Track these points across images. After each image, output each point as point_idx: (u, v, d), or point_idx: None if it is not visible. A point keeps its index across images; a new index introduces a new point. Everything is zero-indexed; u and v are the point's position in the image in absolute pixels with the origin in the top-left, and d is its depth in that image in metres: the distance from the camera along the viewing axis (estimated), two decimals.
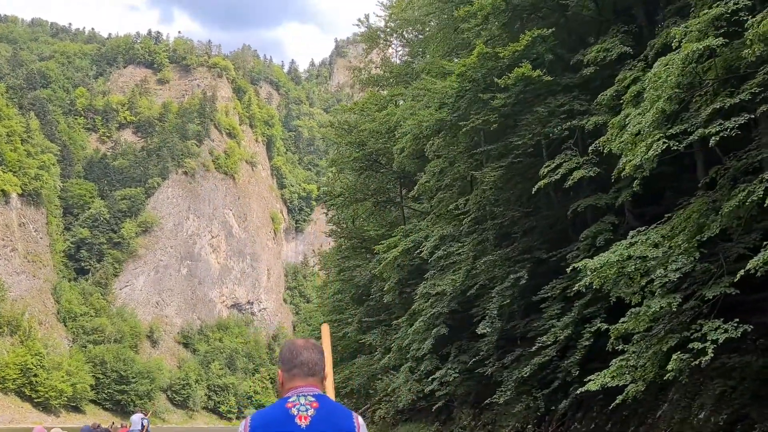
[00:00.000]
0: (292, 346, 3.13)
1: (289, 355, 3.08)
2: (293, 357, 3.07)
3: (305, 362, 3.05)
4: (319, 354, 3.12)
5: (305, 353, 3.08)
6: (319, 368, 3.08)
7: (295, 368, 3.03)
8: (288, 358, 3.08)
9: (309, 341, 3.19)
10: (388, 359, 29.06)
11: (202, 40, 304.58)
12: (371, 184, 37.40)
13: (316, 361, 3.09)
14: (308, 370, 3.04)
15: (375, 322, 42.60)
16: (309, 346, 3.13)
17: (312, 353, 3.09)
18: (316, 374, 3.07)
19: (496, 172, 17.62)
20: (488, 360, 21.32)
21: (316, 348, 3.13)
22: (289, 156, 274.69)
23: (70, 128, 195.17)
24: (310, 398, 2.91)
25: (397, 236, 29.37)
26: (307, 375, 3.03)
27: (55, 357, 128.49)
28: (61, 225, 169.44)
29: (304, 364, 3.04)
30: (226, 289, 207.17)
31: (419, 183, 25.93)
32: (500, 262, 18.77)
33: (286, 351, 3.11)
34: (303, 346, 3.11)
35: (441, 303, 23.24)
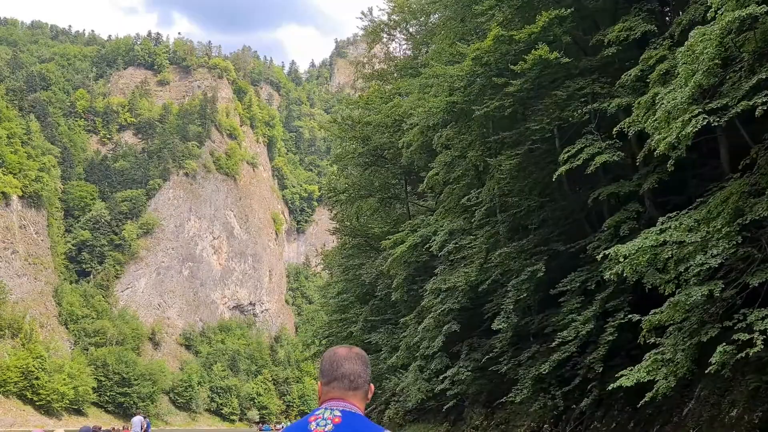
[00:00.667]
0: (333, 356, 2.82)
1: (329, 366, 2.79)
2: (333, 368, 2.78)
3: (346, 374, 2.77)
4: (362, 365, 2.82)
5: (347, 364, 2.79)
6: (362, 381, 2.79)
7: (334, 381, 2.76)
8: (328, 369, 2.79)
9: (352, 350, 2.90)
10: (396, 358, 28.28)
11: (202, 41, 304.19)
12: (376, 180, 36.63)
13: (359, 373, 2.79)
14: (349, 383, 2.76)
15: (380, 321, 41.83)
16: (352, 356, 2.84)
17: (355, 364, 2.80)
18: (359, 387, 2.78)
19: (511, 160, 16.84)
20: (502, 357, 20.54)
21: (359, 358, 2.82)
22: (290, 157, 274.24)
23: (70, 130, 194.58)
24: (336, 413, 2.64)
25: (404, 232, 28.59)
26: (348, 389, 2.74)
27: (57, 360, 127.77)
28: (62, 227, 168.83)
29: (345, 377, 2.76)
30: (228, 291, 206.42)
31: (428, 176, 25.15)
32: (515, 255, 18.00)
33: (326, 361, 2.81)
34: (345, 357, 2.82)
35: (451, 299, 22.46)
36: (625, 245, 10.93)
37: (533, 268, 17.26)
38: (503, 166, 17.03)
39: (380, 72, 41.33)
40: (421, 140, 28.88)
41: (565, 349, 16.35)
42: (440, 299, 23.18)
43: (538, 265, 17.37)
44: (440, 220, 25.89)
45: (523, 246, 18.00)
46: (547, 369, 16.73)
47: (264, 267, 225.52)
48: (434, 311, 23.31)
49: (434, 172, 24.84)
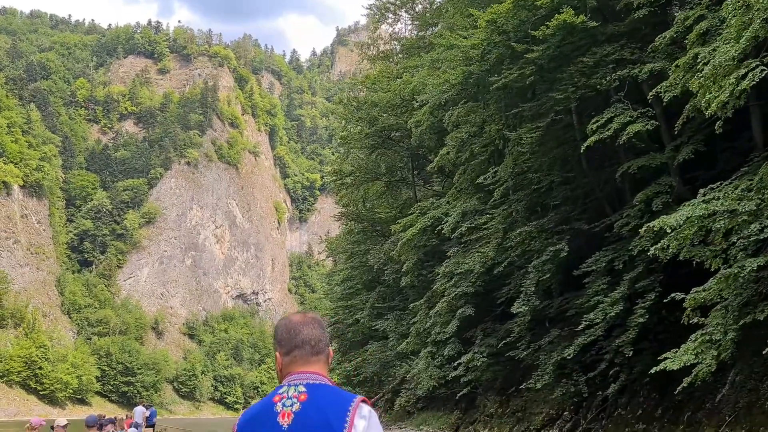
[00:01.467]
0: (290, 323, 2.62)
1: (287, 334, 2.61)
2: (292, 336, 2.59)
3: (307, 340, 2.58)
4: (320, 329, 2.65)
5: (305, 330, 2.60)
6: (323, 344, 2.61)
7: (295, 349, 2.57)
8: (286, 338, 2.60)
9: (307, 315, 2.70)
10: (406, 344, 27.43)
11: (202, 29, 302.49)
12: (382, 163, 35.68)
13: (319, 337, 2.62)
14: (311, 348, 2.57)
15: (387, 308, 41.01)
16: (308, 320, 2.65)
17: (313, 329, 2.62)
18: (321, 352, 2.60)
19: (532, 133, 15.86)
20: (520, 342, 19.68)
21: (316, 322, 2.65)
22: (291, 145, 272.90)
23: (71, 119, 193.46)
24: (300, 389, 2.45)
25: (413, 215, 27.68)
26: (311, 354, 2.56)
27: (60, 349, 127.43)
28: (64, 217, 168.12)
29: (305, 343, 2.58)
30: (231, 280, 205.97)
31: (440, 154, 24.20)
32: (535, 234, 17.06)
33: (283, 330, 2.61)
34: (301, 322, 2.63)
35: (466, 282, 21.57)
36: (672, 216, 9.97)
37: (555, 247, 16.33)
38: (524, 139, 16.03)
39: (386, 53, 40.24)
40: (430, 120, 27.90)
41: (590, 333, 15.46)
42: (453, 282, 22.29)
43: (560, 244, 16.44)
44: (452, 201, 24.98)
45: (543, 225, 17.07)
46: (571, 353, 15.84)
47: (266, 256, 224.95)
48: (447, 295, 22.42)
49: (446, 150, 23.90)
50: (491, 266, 19.40)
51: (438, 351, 25.33)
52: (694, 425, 15.13)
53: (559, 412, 19.64)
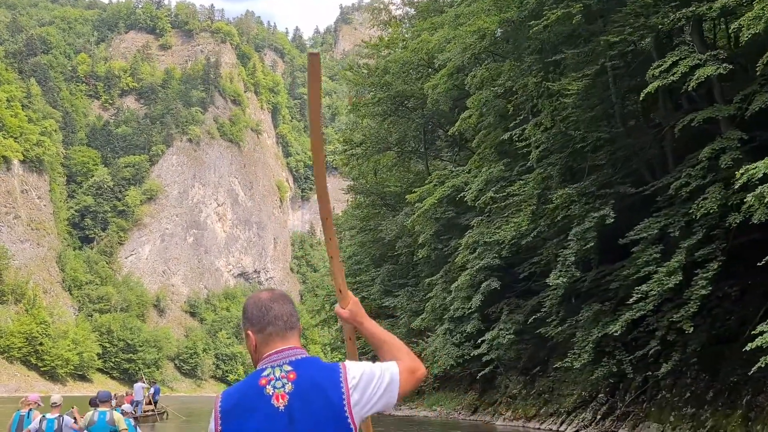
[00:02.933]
0: (258, 301, 2.51)
1: (258, 311, 2.50)
2: (264, 313, 2.49)
3: (279, 315, 2.48)
4: (291, 304, 2.53)
5: (276, 306, 2.51)
6: (295, 319, 2.50)
7: (269, 326, 2.46)
8: (257, 316, 2.49)
9: (275, 291, 2.62)
10: (420, 320, 25.94)
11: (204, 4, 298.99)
12: (395, 132, 33.97)
13: (291, 312, 2.52)
14: (284, 323, 2.47)
15: (397, 284, 39.55)
16: (277, 297, 2.55)
17: (284, 305, 2.51)
18: (294, 327, 2.49)
19: (579, 83, 14.15)
20: (550, 318, 18.16)
21: (285, 298, 2.54)
22: (294, 124, 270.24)
23: (72, 95, 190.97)
24: (286, 368, 2.35)
25: (430, 184, 26.07)
26: (285, 329, 2.44)
27: (61, 325, 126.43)
28: (65, 193, 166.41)
29: (278, 318, 2.47)
30: (233, 258, 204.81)
31: (461, 118, 22.51)
32: (576, 198, 15.43)
33: (253, 308, 2.49)
34: (271, 299, 2.53)
35: (491, 254, 20.01)
36: None
37: (599, 213, 14.71)
38: (569, 89, 14.31)
39: (399, 18, 38.28)
40: (449, 84, 26.20)
41: (638, 308, 13.93)
42: (477, 254, 20.71)
43: (604, 209, 14.82)
44: (474, 168, 23.38)
45: (584, 188, 15.42)
46: (618, 330, 14.27)
47: (269, 235, 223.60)
48: (470, 268, 20.85)
49: (467, 113, 22.23)
50: (526, 235, 17.73)
51: (456, 328, 23.87)
52: (755, 410, 13.61)
53: (592, 394, 18.17)
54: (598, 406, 17.72)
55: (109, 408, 10.59)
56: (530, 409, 20.79)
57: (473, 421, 24.81)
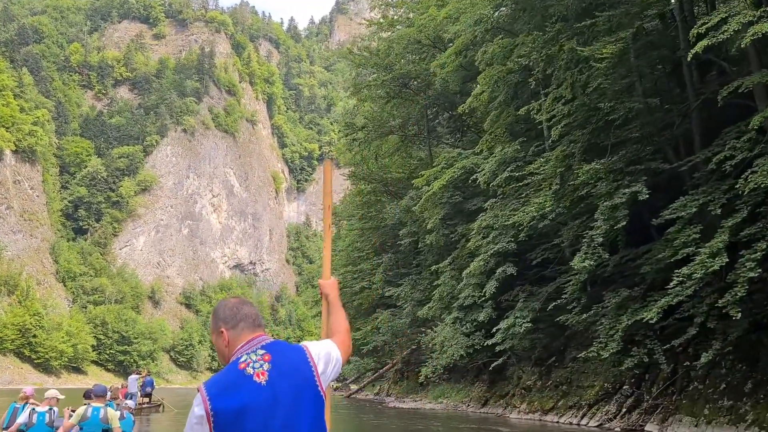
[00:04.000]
0: (228, 303, 2.85)
1: (230, 312, 2.79)
2: (235, 312, 2.77)
3: (248, 315, 2.78)
4: (255, 308, 2.87)
5: (245, 308, 2.82)
6: (261, 319, 2.83)
7: (240, 322, 2.74)
8: (229, 315, 2.78)
9: (241, 298, 2.92)
10: (428, 309, 24.83)
11: None
12: (398, 115, 32.75)
13: (257, 314, 2.83)
14: (253, 321, 2.76)
15: (400, 274, 38.46)
16: (245, 301, 2.87)
17: (250, 308, 2.82)
18: (261, 325, 2.81)
19: (613, 46, 12.99)
20: (571, 305, 17.06)
21: (250, 303, 2.89)
22: (289, 115, 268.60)
23: (65, 85, 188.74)
24: (260, 352, 2.62)
25: (438, 166, 24.92)
26: (254, 326, 2.74)
27: (55, 317, 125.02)
28: (58, 183, 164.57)
29: (248, 317, 2.77)
30: (228, 250, 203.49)
31: (473, 94, 21.31)
32: (603, 174, 14.31)
33: (224, 309, 2.80)
34: (240, 302, 2.85)
35: (506, 237, 18.89)
36: None
37: (631, 189, 13.58)
38: (605, 51, 13.12)
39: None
40: (458, 62, 25.03)
41: (675, 292, 12.83)
42: (491, 239, 19.58)
43: (636, 186, 13.69)
44: (485, 150, 22.24)
45: (612, 164, 14.29)
46: (654, 317, 13.15)
47: (264, 226, 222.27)
48: (485, 253, 19.72)
49: (479, 90, 21.05)
50: (542, 218, 16.59)
51: (466, 317, 22.76)
52: None
53: (615, 386, 17.09)
54: (623, 398, 16.65)
55: (104, 404, 9.78)
56: (547, 402, 19.72)
57: (484, 414, 23.72)
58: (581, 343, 20.04)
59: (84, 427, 9.29)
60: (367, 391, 49.07)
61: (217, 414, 2.39)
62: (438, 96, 29.51)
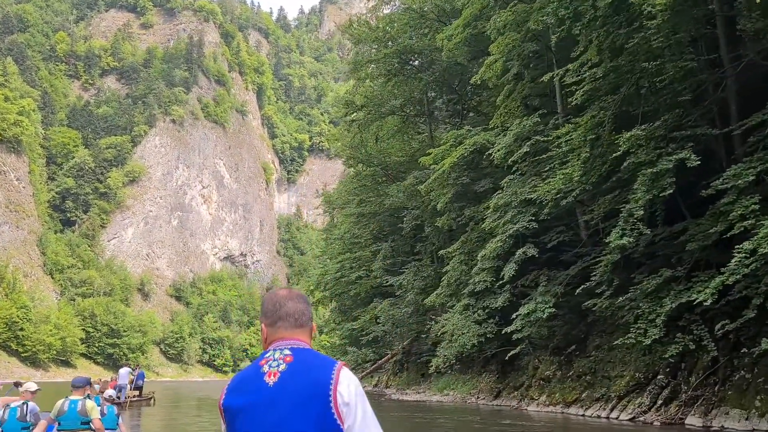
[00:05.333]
0: (275, 297, 2.71)
1: (272, 306, 2.63)
2: (277, 308, 2.62)
3: (291, 313, 2.60)
4: (305, 303, 2.72)
5: (290, 303, 2.63)
6: (306, 318, 2.63)
7: (279, 320, 2.59)
8: (271, 310, 2.63)
9: (293, 291, 2.74)
10: (435, 296, 23.43)
11: None
12: (399, 94, 31.21)
13: (303, 311, 2.63)
14: (294, 321, 2.59)
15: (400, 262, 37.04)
16: (293, 295, 2.68)
17: (298, 303, 2.64)
18: (304, 325, 2.62)
19: None
20: (600, 288, 15.63)
21: (301, 298, 2.72)
22: (280, 105, 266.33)
23: (51, 75, 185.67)
24: (285, 352, 2.48)
25: (446, 144, 23.44)
26: (294, 327, 2.61)
27: (42, 310, 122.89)
28: (45, 174, 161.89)
29: (290, 315, 2.60)
30: (219, 241, 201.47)
31: (485, 63, 19.81)
32: (645, 142, 12.88)
33: (269, 303, 2.69)
34: (287, 296, 2.66)
35: (526, 216, 17.46)
36: None
37: (677, 155, 12.16)
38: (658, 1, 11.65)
39: None
40: (467, 33, 23.51)
41: (731, 270, 11.45)
42: (510, 217, 18.14)
43: (682, 152, 12.27)
44: (498, 125, 20.81)
45: (652, 131, 12.86)
46: (708, 298, 11.74)
47: (255, 217, 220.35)
48: (501, 233, 18.28)
49: (492, 59, 19.59)
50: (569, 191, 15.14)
51: (477, 303, 21.37)
52: None
53: (648, 376, 15.76)
54: (657, 389, 15.28)
55: (82, 396, 9.09)
56: (569, 394, 18.35)
57: (498, 406, 22.33)
58: (604, 330, 18.69)
59: (62, 422, 8.80)
60: (365, 382, 47.66)
61: (226, 410, 2.36)
62: (442, 72, 28.01)
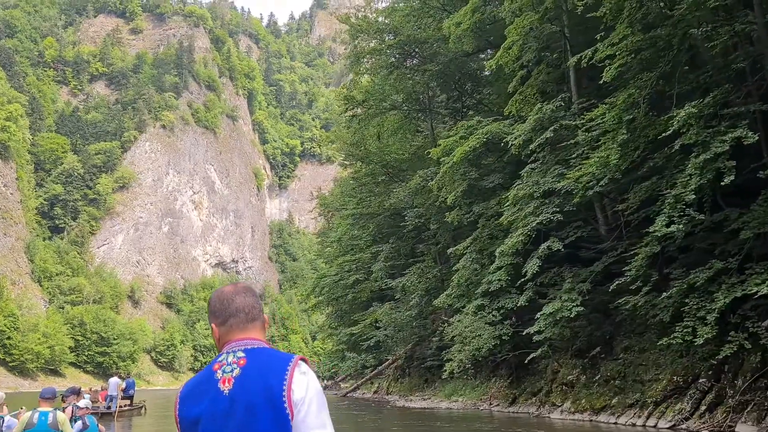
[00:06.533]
0: (222, 294, 2.59)
1: (221, 304, 2.51)
2: (225, 306, 2.51)
3: (241, 308, 2.49)
4: (253, 296, 2.61)
5: (238, 298, 2.52)
6: (257, 311, 2.52)
7: (230, 318, 2.49)
8: (219, 308, 2.51)
9: (239, 285, 2.61)
10: (446, 297, 22.08)
11: None
12: (401, 89, 29.91)
13: (253, 304, 2.53)
14: (246, 315, 2.49)
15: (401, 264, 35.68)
16: (240, 290, 2.57)
17: (246, 297, 2.54)
18: (256, 318, 2.51)
19: None
20: (635, 284, 14.32)
21: (249, 290, 2.61)
22: (270, 110, 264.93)
23: (39, 80, 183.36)
24: (239, 354, 2.38)
25: (455, 136, 22.15)
26: (246, 322, 2.51)
27: (31, 318, 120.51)
28: (33, 181, 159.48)
29: (240, 311, 2.49)
30: (210, 247, 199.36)
31: (503, 46, 18.52)
32: (694, 121, 11.62)
33: (216, 301, 2.57)
34: (234, 292, 2.55)
35: (549, 207, 16.16)
36: None
37: (733, 134, 10.91)
38: None
39: None
40: (475, 19, 22.25)
41: None
42: (532, 209, 16.82)
43: (737, 130, 11.02)
44: (513, 113, 19.55)
45: (704, 107, 11.60)
46: None
47: (246, 223, 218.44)
48: (522, 227, 16.95)
49: (508, 42, 18.33)
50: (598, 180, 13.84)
51: (492, 303, 20.05)
52: None
53: (687, 379, 14.48)
54: (700, 393, 14.00)
55: (52, 408, 8.46)
56: (597, 400, 17.03)
57: (514, 413, 20.97)
58: (633, 331, 17.41)
59: None
60: (365, 389, 46.22)
61: (181, 421, 2.28)
62: (447, 64, 26.75)
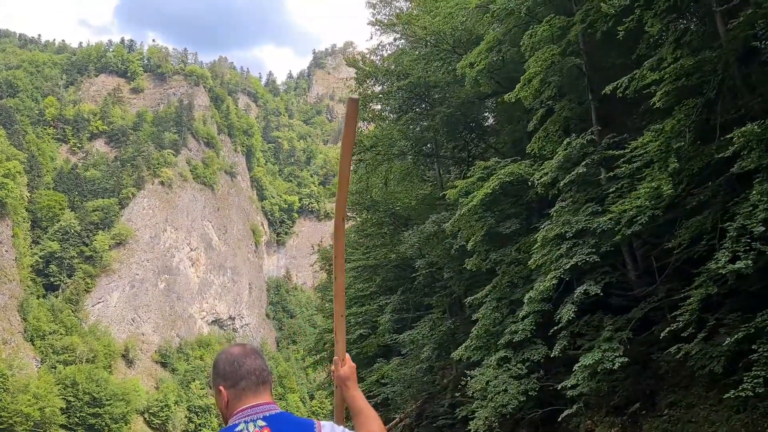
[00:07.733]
0: (230, 355, 2.55)
1: (231, 367, 2.50)
2: (236, 368, 2.49)
3: (252, 370, 2.48)
4: (261, 358, 2.60)
5: (249, 360, 2.51)
6: (267, 373, 2.53)
7: (242, 380, 2.47)
8: (230, 371, 2.49)
9: (246, 347, 2.61)
10: (464, 349, 20.59)
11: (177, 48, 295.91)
12: (410, 132, 29.07)
13: (263, 366, 2.53)
14: (257, 378, 2.48)
15: (409, 318, 34.15)
16: (249, 352, 2.57)
17: (256, 359, 2.54)
18: (267, 381, 2.52)
19: None
20: (688, 329, 12.90)
21: (257, 353, 2.62)
22: (269, 167, 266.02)
23: (38, 138, 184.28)
24: (260, 424, 2.33)
25: (473, 177, 21.08)
26: (258, 384, 2.49)
27: (21, 378, 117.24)
28: (29, 238, 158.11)
29: (251, 373, 2.48)
30: (207, 305, 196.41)
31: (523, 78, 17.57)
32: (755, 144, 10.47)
33: (225, 363, 2.53)
34: (243, 354, 2.54)
35: (584, 248, 14.87)
36: None
37: None
38: None
39: None
40: (490, 59, 21.43)
41: None
42: (564, 251, 15.56)
43: None
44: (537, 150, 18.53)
45: (764, 129, 10.47)
46: None
47: (243, 280, 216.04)
48: (555, 269, 15.65)
49: (528, 75, 17.41)
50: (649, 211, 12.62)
51: (516, 355, 18.58)
52: None
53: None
54: None
55: None
56: None
57: None
58: (677, 384, 15.90)
59: None
60: None
61: None
62: (458, 107, 25.96)
